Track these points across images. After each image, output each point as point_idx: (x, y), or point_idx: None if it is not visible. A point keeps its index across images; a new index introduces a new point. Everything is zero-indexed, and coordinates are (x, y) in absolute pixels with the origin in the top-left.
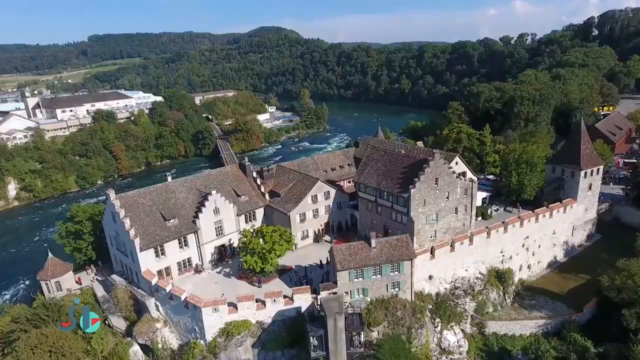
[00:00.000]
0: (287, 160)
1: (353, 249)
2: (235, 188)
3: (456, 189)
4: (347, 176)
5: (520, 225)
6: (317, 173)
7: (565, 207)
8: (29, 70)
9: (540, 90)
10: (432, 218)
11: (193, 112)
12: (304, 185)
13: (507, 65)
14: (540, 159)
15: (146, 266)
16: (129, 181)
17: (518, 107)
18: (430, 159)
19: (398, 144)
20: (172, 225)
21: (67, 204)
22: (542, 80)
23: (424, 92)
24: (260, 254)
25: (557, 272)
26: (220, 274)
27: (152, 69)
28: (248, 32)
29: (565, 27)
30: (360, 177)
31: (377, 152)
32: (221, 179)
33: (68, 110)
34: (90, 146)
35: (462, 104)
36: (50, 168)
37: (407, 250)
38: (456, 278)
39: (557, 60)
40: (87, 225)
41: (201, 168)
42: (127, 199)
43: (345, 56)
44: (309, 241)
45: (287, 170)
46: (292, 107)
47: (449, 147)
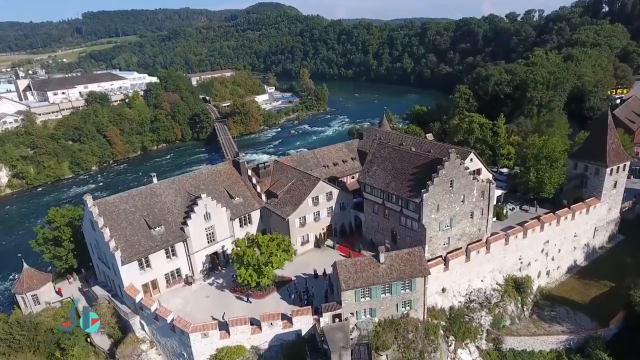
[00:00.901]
0: (286, 144)
1: (359, 265)
2: (228, 189)
3: (472, 192)
4: (351, 171)
5: (541, 229)
6: (318, 169)
7: (588, 207)
8: (22, 49)
9: (554, 74)
10: (446, 224)
11: (189, 93)
12: (304, 185)
13: (513, 43)
14: (562, 154)
15: (129, 280)
16: (124, 167)
17: (531, 92)
18: (445, 159)
19: (406, 138)
20: (158, 234)
21: (61, 191)
22: (554, 61)
23: (426, 72)
24: (255, 267)
25: (578, 278)
26: (212, 286)
27: (149, 47)
28: (246, 8)
29: (574, 4)
30: (366, 177)
31: (384, 148)
32: (213, 178)
33: (60, 92)
34: (83, 130)
35: (469, 88)
36: (43, 154)
37: (420, 266)
38: (471, 290)
39: (566, 39)
40: (66, 231)
41: (198, 153)
42: (106, 205)
43: (346, 34)
44: (309, 246)
45: (286, 167)
46: (292, 87)
47: (459, 138)
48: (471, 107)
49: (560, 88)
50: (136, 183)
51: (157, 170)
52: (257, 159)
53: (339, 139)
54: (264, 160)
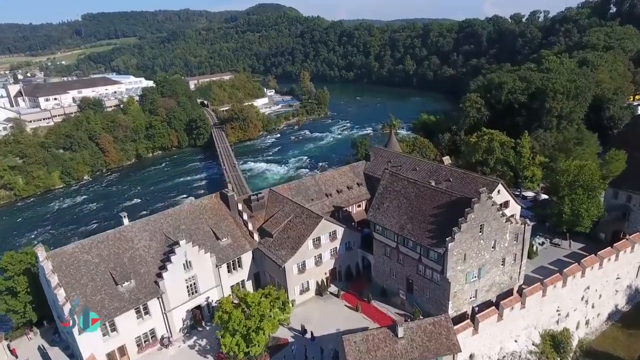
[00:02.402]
0: (286, 151)
1: (372, 342)
2: (214, 228)
3: (505, 236)
4: (357, 199)
5: (582, 275)
6: (320, 199)
7: (633, 245)
8: (22, 51)
9: (575, 82)
10: (473, 275)
11: (187, 98)
12: (304, 224)
13: (518, 45)
14: (601, 182)
15: (89, 350)
16: (118, 176)
17: (550, 102)
18: (474, 200)
19: (420, 162)
20: (127, 290)
21: (51, 202)
22: (569, 66)
23: (429, 74)
24: (243, 334)
25: (620, 327)
26: (194, 349)
27: (148, 49)
28: (246, 9)
29: (580, 4)
30: (377, 215)
31: (398, 181)
32: (196, 216)
33: (52, 98)
34: (75, 138)
35: (481, 96)
36: (32, 163)
37: (447, 341)
38: (504, 355)
39: (575, 42)
40: (22, 281)
41: (195, 160)
42: (63, 257)
43: (347, 35)
44: (309, 294)
45: (282, 199)
46: (292, 90)
47: (477, 158)
48: (482, 116)
49: (581, 97)
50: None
51: (150, 180)
52: (255, 168)
53: (340, 147)
54: (256, 192)
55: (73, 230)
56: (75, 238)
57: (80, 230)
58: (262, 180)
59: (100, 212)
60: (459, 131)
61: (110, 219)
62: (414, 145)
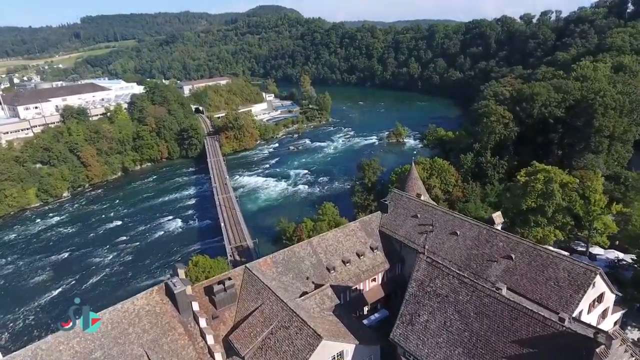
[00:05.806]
0: (283, 163)
1: None
2: (149, 348)
3: None
4: (372, 272)
5: None
6: (319, 275)
7: None
8: (20, 55)
9: (630, 95)
10: None
11: (179, 105)
12: (292, 344)
13: (530, 47)
14: None
15: None
16: (101, 192)
17: (600, 119)
18: (600, 351)
19: (463, 224)
20: None
21: (22, 224)
22: (603, 72)
23: (435, 77)
24: None
25: None
26: None
27: (146, 52)
28: (246, 11)
29: (594, 4)
30: (409, 336)
31: (441, 277)
32: (122, 331)
33: (32, 107)
34: (53, 152)
35: (509, 110)
36: (5, 180)
37: None
38: None
39: (595, 44)
40: None
41: (186, 174)
42: None
43: (349, 37)
44: None
45: (262, 289)
46: (292, 94)
47: (529, 204)
48: (510, 133)
49: (636, 113)
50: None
51: (135, 197)
52: (250, 184)
53: (342, 159)
54: (226, 277)
55: (41, 260)
56: (41, 272)
57: (51, 261)
58: (254, 201)
59: (74, 238)
60: (484, 150)
61: (83, 247)
62: (431, 169)
